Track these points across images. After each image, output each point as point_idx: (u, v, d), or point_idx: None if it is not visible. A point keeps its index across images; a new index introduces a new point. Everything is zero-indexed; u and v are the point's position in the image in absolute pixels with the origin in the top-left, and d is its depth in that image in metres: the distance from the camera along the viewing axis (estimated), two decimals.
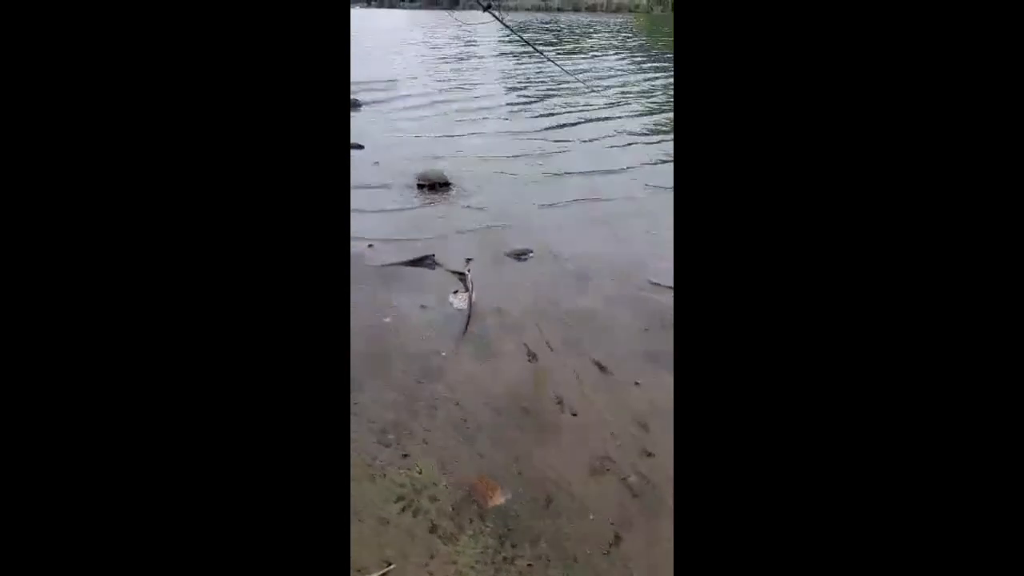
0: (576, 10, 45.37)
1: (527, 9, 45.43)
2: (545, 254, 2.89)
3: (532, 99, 7.39)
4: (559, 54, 13.17)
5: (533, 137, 5.36)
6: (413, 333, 2.18)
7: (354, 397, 1.78)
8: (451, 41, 16.22)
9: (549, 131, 5.60)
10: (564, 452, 1.61)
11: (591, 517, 1.42)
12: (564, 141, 5.21)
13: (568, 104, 6.98)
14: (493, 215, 3.43)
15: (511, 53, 12.96)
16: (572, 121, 6.05)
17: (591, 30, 22.26)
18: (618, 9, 42.72)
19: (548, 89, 8.09)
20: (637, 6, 42.25)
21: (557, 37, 18.56)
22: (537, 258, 2.86)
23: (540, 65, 10.31)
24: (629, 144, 5.13)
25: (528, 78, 9.26)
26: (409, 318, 2.29)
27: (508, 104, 7.07)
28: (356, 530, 1.34)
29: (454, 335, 2.17)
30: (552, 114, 6.46)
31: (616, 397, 1.84)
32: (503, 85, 8.58)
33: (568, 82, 8.20)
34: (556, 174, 4.23)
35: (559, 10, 46.27)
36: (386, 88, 7.83)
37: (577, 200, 3.72)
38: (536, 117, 6.31)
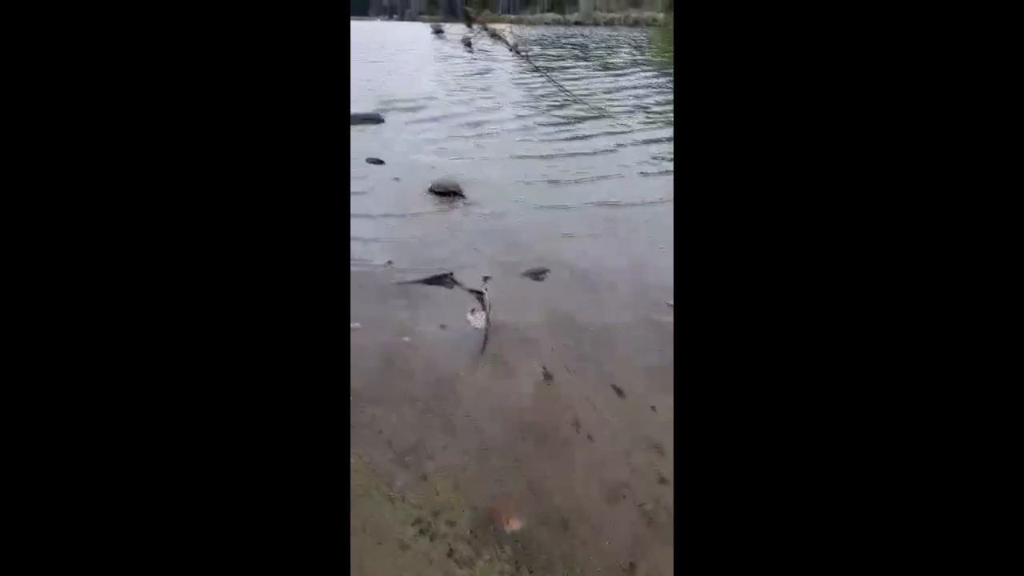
0: (595, 24, 45.62)
1: (546, 24, 45.82)
2: (562, 274, 2.91)
3: (566, 120, 7.11)
4: (591, 70, 13.12)
5: (562, 162, 5.18)
6: (432, 352, 2.21)
7: (374, 417, 1.81)
8: (477, 55, 16.26)
9: (581, 157, 5.38)
10: (580, 477, 1.62)
11: (607, 543, 1.42)
12: (597, 167, 5.03)
13: (607, 126, 6.68)
14: (513, 234, 3.46)
15: (543, 69, 12.94)
16: (608, 147, 5.77)
17: (615, 44, 22.20)
18: (636, 23, 42.87)
19: (584, 109, 7.76)
20: (655, 20, 42.36)
21: (584, 53, 18.37)
22: (554, 278, 2.88)
23: (575, 83, 10.20)
24: (664, 172, 4.95)
25: (565, 96, 8.94)
26: (428, 337, 2.32)
27: (539, 125, 6.79)
28: (374, 553, 1.36)
29: (472, 355, 2.20)
30: (587, 136, 6.18)
31: (632, 421, 1.85)
32: (535, 105, 8.31)
33: (605, 101, 7.95)
34: (586, 202, 4.10)
35: (577, 23, 46.58)
36: (412, 103, 7.76)
37: (599, 223, 3.72)
38: (570, 140, 6.06)
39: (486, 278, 2.82)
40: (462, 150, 5.59)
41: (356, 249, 3.11)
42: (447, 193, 4.08)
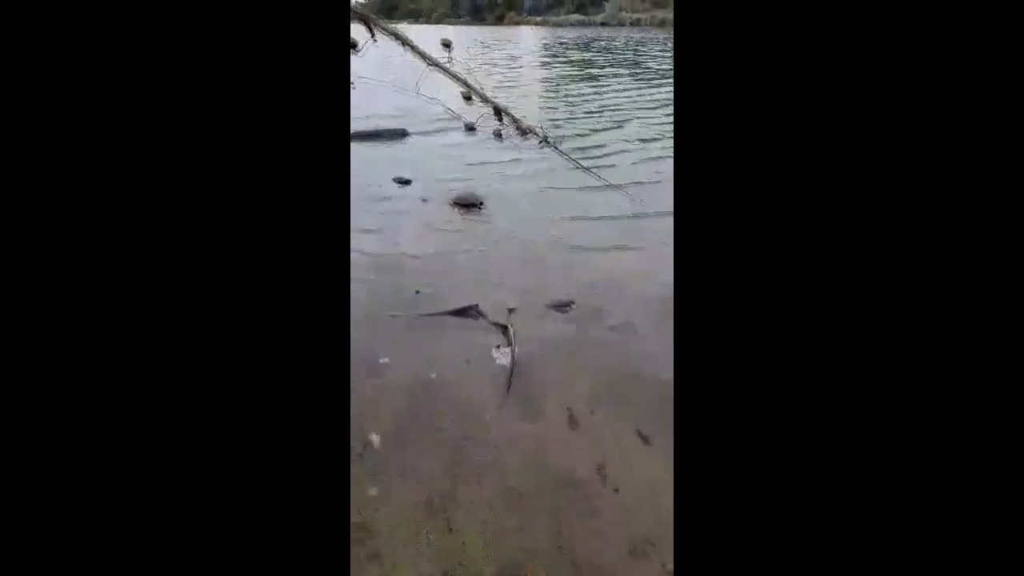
0: (620, 24, 45.29)
1: (571, 25, 45.68)
2: (588, 307, 2.93)
3: (616, 142, 6.34)
4: (627, 78, 12.78)
5: (602, 194, 4.68)
6: (458, 390, 2.25)
7: (404, 458, 1.87)
8: (509, 61, 15.92)
9: (625, 186, 4.80)
10: (605, 530, 1.64)
11: None
12: (639, 199, 4.53)
13: (660, 149, 6.04)
14: (539, 264, 3.48)
15: (581, 76, 12.68)
16: (659, 175, 5.11)
17: (648, 48, 21.60)
18: (662, 24, 42.38)
19: (638, 129, 7.12)
20: None
21: (628, 60, 17.32)
22: (579, 311, 2.89)
23: (617, 94, 9.82)
24: None
25: (608, 107, 8.51)
26: (454, 373, 2.36)
27: (591, 147, 6.09)
28: None
29: (497, 394, 2.24)
30: (637, 162, 5.51)
31: (657, 471, 1.86)
32: (580, 122, 7.55)
33: (654, 118, 7.41)
34: (618, 244, 3.79)
35: (602, 24, 46.30)
36: (445, 119, 7.27)
37: (628, 258, 3.71)
38: (612, 168, 5.31)
39: (511, 310, 2.85)
40: (495, 175, 5.26)
41: (385, 277, 3.18)
42: (469, 205, 4.24)
